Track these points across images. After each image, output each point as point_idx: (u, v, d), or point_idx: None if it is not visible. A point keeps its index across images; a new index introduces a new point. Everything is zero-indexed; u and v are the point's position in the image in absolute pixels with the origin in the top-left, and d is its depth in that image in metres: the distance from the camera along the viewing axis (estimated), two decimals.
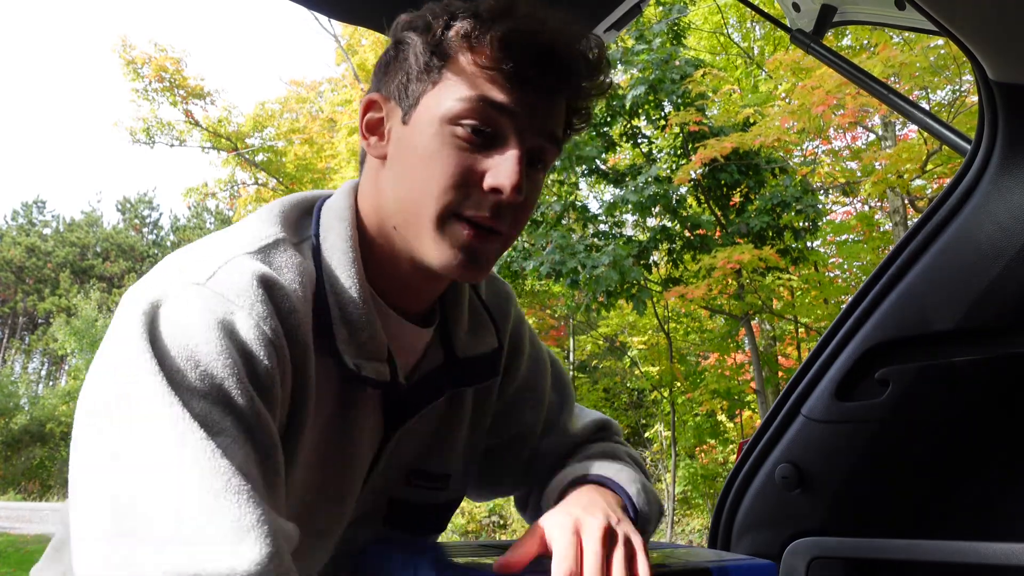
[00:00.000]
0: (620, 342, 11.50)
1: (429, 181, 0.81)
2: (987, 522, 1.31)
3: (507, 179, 0.80)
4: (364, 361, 0.85)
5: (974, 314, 1.26)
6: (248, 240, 0.81)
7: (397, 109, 0.86)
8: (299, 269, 0.81)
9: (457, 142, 0.81)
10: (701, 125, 8.04)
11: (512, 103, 0.81)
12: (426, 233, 0.83)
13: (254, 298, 0.74)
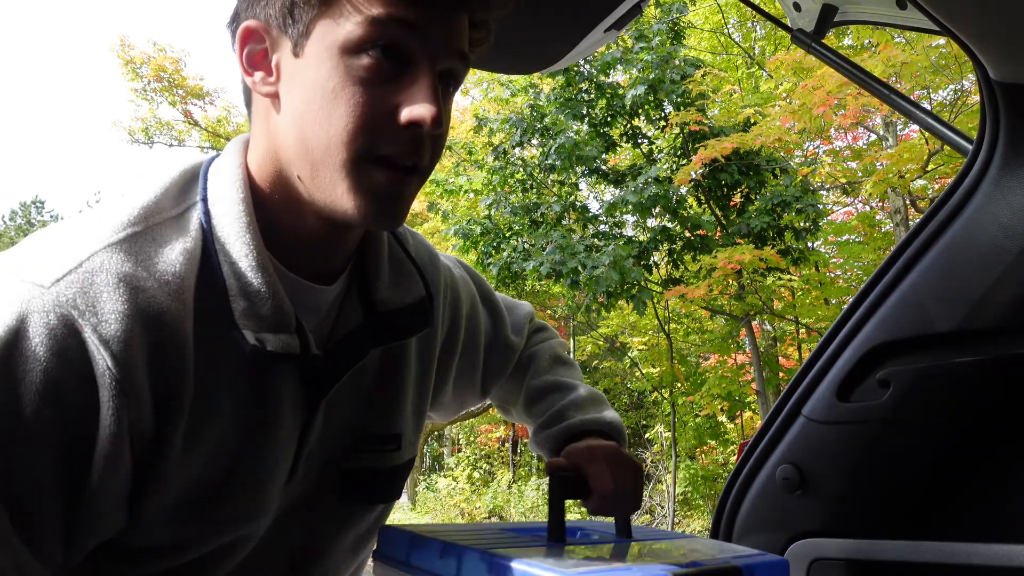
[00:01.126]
0: (620, 343, 11.51)
1: (336, 123, 0.72)
2: (989, 523, 1.31)
3: (426, 110, 0.72)
4: (269, 335, 0.76)
5: (976, 315, 1.26)
6: (111, 222, 0.72)
7: (284, 39, 0.75)
8: (177, 250, 0.73)
9: (362, 73, 0.72)
10: (701, 125, 8.05)
11: (420, 20, 0.72)
12: (338, 181, 0.74)
13: (102, 315, 0.66)
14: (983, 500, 1.32)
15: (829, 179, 9.34)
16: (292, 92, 0.75)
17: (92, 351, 0.65)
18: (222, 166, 0.81)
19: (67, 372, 0.64)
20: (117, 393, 0.66)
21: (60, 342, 0.64)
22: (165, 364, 0.70)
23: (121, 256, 0.70)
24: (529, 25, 1.32)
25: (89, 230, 0.72)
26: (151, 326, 0.69)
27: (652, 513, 10.59)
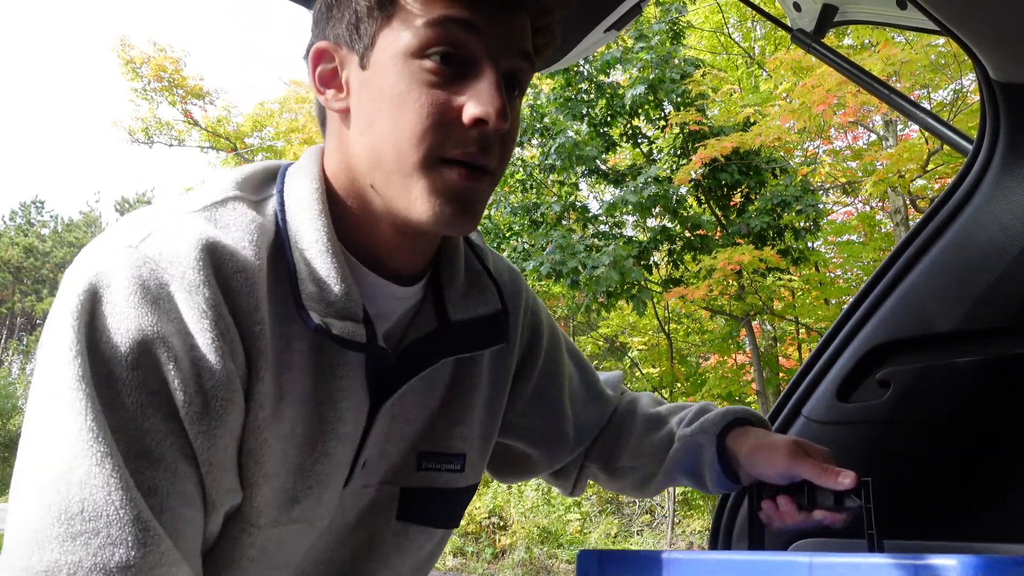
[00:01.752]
0: (620, 343, 11.51)
1: (404, 126, 0.73)
2: (990, 523, 1.31)
3: (490, 105, 0.72)
4: (334, 320, 0.76)
5: (976, 315, 1.26)
6: (195, 200, 0.76)
7: (351, 55, 0.78)
8: (252, 226, 0.75)
9: (426, 77, 0.73)
10: (701, 125, 8.05)
11: (479, 20, 0.73)
12: (411, 185, 0.75)
13: (186, 264, 0.68)
14: (983, 500, 1.32)
15: (829, 179, 9.34)
16: (362, 104, 0.77)
17: (182, 300, 0.68)
18: (299, 166, 0.84)
19: (164, 318, 0.67)
20: (216, 336, 0.68)
21: (153, 292, 0.67)
22: (245, 317, 0.72)
23: (200, 220, 0.73)
24: None
25: (172, 205, 0.75)
26: (230, 278, 0.71)
27: (652, 513, 10.59)
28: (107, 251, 0.69)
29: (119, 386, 0.64)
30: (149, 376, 0.65)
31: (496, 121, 0.73)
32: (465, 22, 0.73)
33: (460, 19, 0.73)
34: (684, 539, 9.48)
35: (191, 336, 0.67)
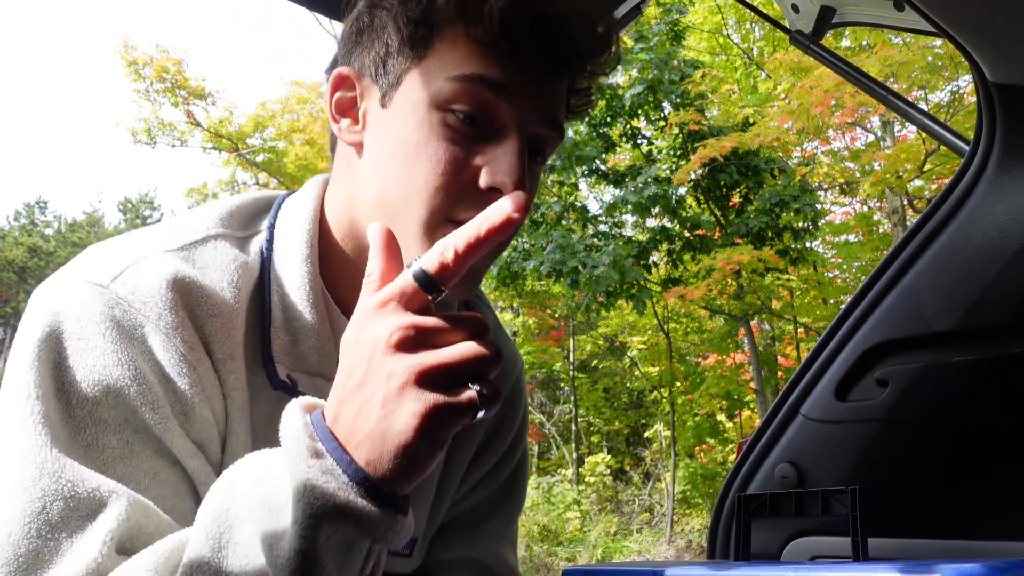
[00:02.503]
0: (620, 342, 11.51)
1: (415, 179, 0.69)
2: (986, 521, 1.31)
3: (508, 176, 0.68)
4: (303, 375, 0.72)
5: (973, 314, 1.27)
6: (173, 235, 0.71)
7: (374, 88, 0.73)
8: (232, 266, 0.71)
9: (447, 132, 0.69)
10: (700, 125, 8.06)
11: (512, 84, 0.69)
12: (412, 241, 0.70)
13: (162, 306, 0.65)
14: (980, 498, 1.33)
15: (827, 179, 9.35)
16: (376, 143, 0.73)
17: (158, 343, 0.64)
18: (296, 201, 0.79)
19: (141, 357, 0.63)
20: (195, 380, 0.65)
21: (128, 332, 0.64)
22: (220, 366, 0.68)
23: (176, 260, 0.69)
24: None
25: (149, 238, 0.71)
26: (205, 322, 0.67)
27: (651, 512, 10.60)
28: (72, 289, 0.65)
29: (100, 426, 0.61)
30: (131, 415, 0.62)
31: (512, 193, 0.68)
32: (498, 84, 0.68)
33: (493, 80, 0.68)
34: (683, 537, 9.48)
35: (171, 380, 0.64)
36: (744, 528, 1.11)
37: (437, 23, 0.70)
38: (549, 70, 0.71)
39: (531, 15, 0.69)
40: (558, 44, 0.70)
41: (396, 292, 0.55)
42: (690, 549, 9.19)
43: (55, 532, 0.57)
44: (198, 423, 0.66)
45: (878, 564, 0.86)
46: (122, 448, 0.61)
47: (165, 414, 0.63)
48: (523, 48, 0.69)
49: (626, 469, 12.11)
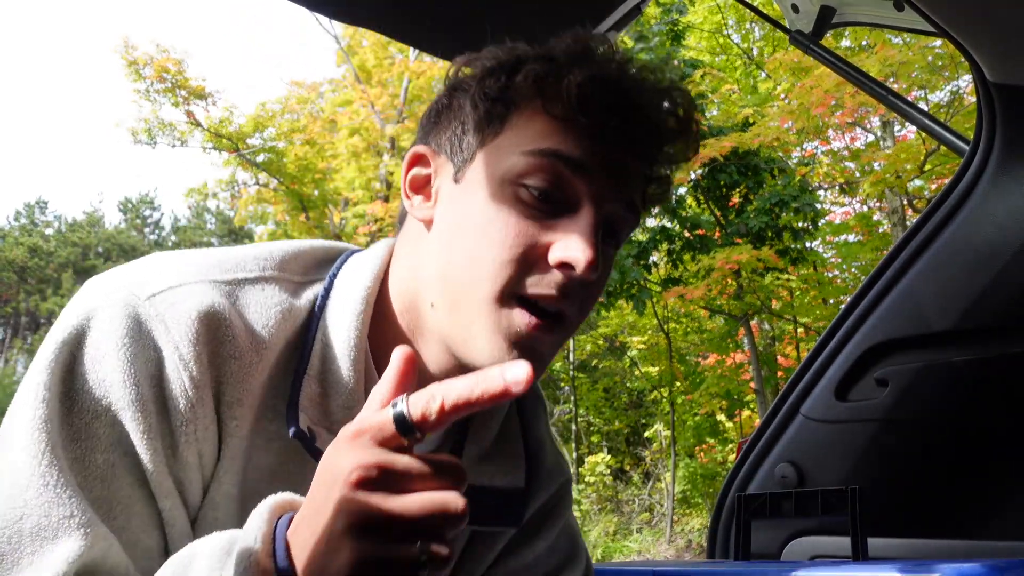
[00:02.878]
0: (620, 342, 11.50)
1: (484, 253, 0.67)
2: (985, 520, 1.31)
3: (581, 252, 0.66)
4: (324, 430, 0.69)
5: (972, 314, 1.27)
6: (228, 266, 0.71)
7: (448, 164, 0.73)
8: (274, 311, 0.70)
9: (520, 206, 0.67)
10: (700, 125, 8.05)
11: (589, 161, 0.68)
12: (478, 317, 0.68)
13: (185, 336, 0.64)
14: (980, 497, 1.33)
15: (827, 179, 9.35)
16: (446, 218, 0.72)
17: (170, 370, 0.64)
18: (362, 258, 0.78)
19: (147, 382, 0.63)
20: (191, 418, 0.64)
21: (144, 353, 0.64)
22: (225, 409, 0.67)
23: (218, 293, 0.68)
24: (529, 26, 1.33)
25: (204, 262, 0.71)
26: (224, 363, 0.66)
27: (651, 511, 10.59)
28: (113, 292, 0.66)
29: (93, 441, 0.61)
30: (123, 437, 0.62)
31: (584, 271, 0.66)
32: (574, 160, 0.68)
33: (569, 156, 0.67)
34: (683, 537, 9.48)
35: (168, 412, 0.64)
36: (744, 528, 1.11)
37: (514, 99, 0.70)
38: (626, 150, 0.70)
39: (609, 93, 0.68)
40: (636, 124, 0.70)
41: (372, 426, 0.52)
42: (690, 549, 9.19)
43: (23, 543, 0.58)
44: (181, 463, 0.65)
45: (878, 564, 0.86)
46: (106, 469, 0.61)
47: (155, 446, 0.63)
48: (600, 126, 0.68)
49: (626, 469, 12.10)
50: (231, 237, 29.38)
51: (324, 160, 13.13)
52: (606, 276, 0.73)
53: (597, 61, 0.71)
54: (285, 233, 13.86)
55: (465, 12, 1.26)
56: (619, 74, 0.70)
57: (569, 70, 0.69)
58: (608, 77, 0.69)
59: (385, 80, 13.19)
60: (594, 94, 0.68)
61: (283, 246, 0.77)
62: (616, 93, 0.69)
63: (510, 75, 0.71)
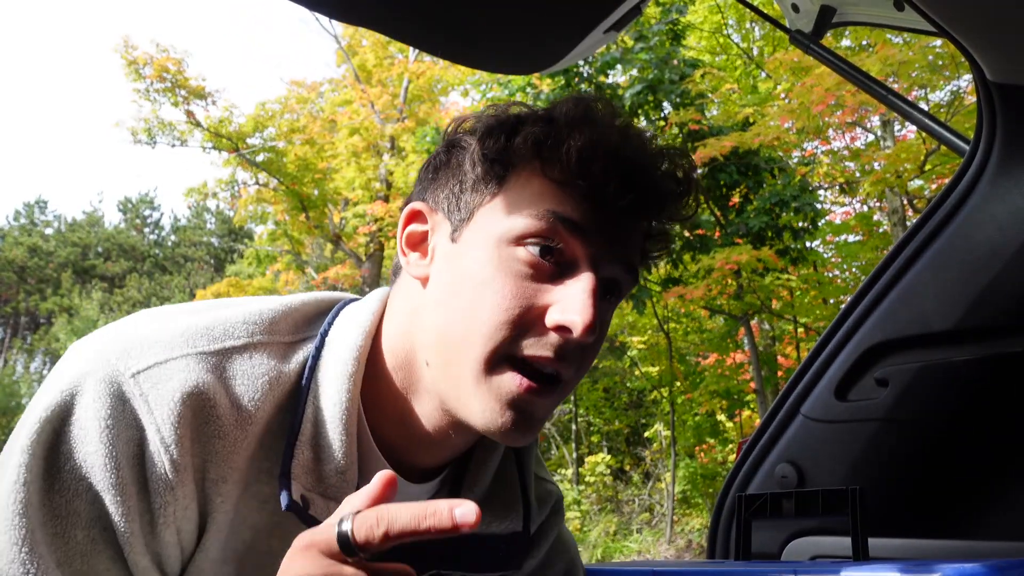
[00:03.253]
0: (620, 342, 11.50)
1: (480, 313, 0.67)
2: (985, 520, 1.31)
3: (579, 315, 0.66)
4: (318, 497, 0.69)
5: (973, 314, 1.27)
6: (217, 334, 0.69)
7: (445, 223, 0.73)
8: (260, 381, 0.68)
9: (518, 267, 0.67)
10: (700, 125, 8.06)
11: (588, 223, 0.68)
12: (469, 378, 0.68)
13: (168, 418, 0.63)
14: (980, 497, 1.33)
15: (827, 179, 9.35)
16: (442, 276, 0.72)
17: (152, 451, 0.64)
18: (355, 312, 0.77)
19: (128, 463, 0.63)
20: (170, 500, 0.64)
21: (126, 434, 0.63)
22: (209, 486, 0.67)
23: (203, 369, 0.67)
24: (529, 26, 1.33)
25: (190, 331, 0.69)
26: (208, 442, 0.66)
27: (651, 511, 10.60)
28: (99, 367, 0.65)
29: (74, 518, 0.61)
30: (103, 515, 0.62)
31: (582, 334, 0.66)
32: (572, 222, 0.68)
33: (568, 218, 0.68)
34: (683, 537, 9.48)
35: (148, 493, 0.63)
36: (744, 528, 1.11)
37: (513, 161, 0.70)
38: (625, 212, 0.70)
39: (608, 156, 0.68)
40: (635, 187, 0.70)
41: (320, 540, 0.55)
42: (690, 549, 9.19)
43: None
44: (159, 541, 0.65)
45: (878, 564, 0.86)
46: (86, 544, 0.62)
47: (134, 528, 0.63)
48: (599, 188, 0.68)
49: (626, 469, 12.10)
50: (231, 237, 29.37)
51: (324, 160, 13.13)
52: (603, 338, 0.73)
53: (597, 125, 0.71)
54: (285, 233, 13.86)
55: (465, 12, 1.26)
56: (619, 138, 0.71)
57: (569, 133, 0.69)
58: (607, 141, 0.69)
59: (385, 80, 13.20)
60: (593, 158, 0.68)
61: (273, 305, 0.75)
62: (615, 158, 0.69)
63: (509, 136, 0.71)
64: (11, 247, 30.15)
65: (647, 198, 0.71)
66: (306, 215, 13.39)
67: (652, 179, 0.71)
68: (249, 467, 0.68)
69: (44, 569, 0.59)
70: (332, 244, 14.26)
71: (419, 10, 1.26)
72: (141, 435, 0.63)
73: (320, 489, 0.69)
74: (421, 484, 0.79)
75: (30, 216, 33.24)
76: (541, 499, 0.91)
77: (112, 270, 30.00)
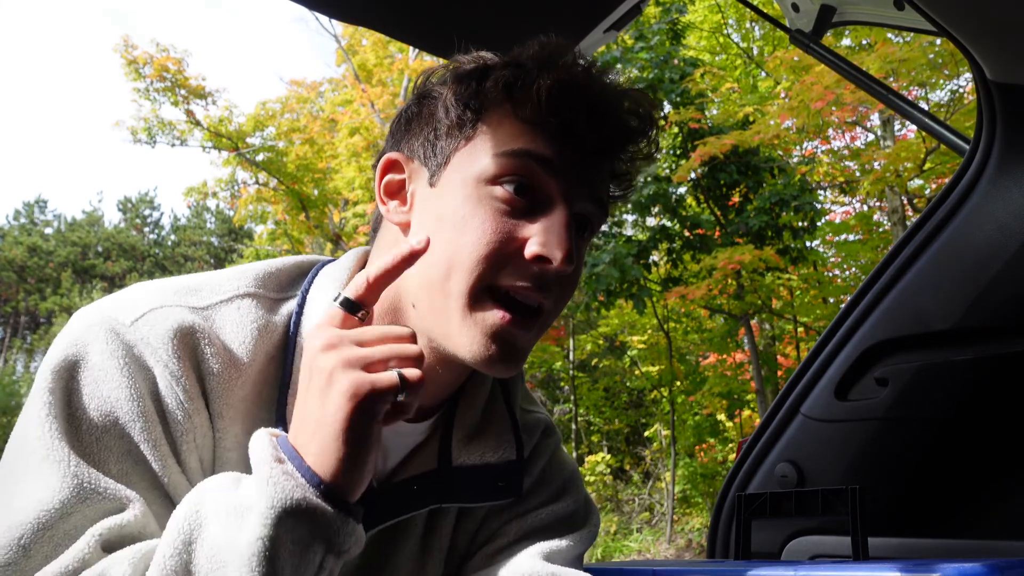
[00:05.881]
0: (620, 342, 11.50)
1: (461, 249, 0.70)
2: (985, 519, 1.32)
3: (557, 247, 0.69)
4: None
5: (972, 314, 1.27)
6: (202, 292, 0.73)
7: (422, 169, 0.76)
8: (250, 328, 0.72)
9: (495, 204, 0.71)
10: (700, 124, 8.06)
11: (560, 161, 0.71)
12: (454, 313, 0.71)
13: (170, 353, 0.67)
14: (980, 496, 1.33)
15: (827, 178, 9.35)
16: (423, 220, 0.75)
17: (164, 385, 0.67)
18: (333, 270, 0.80)
19: (147, 396, 0.67)
20: (190, 427, 0.68)
21: (138, 371, 0.67)
22: (214, 420, 0.70)
23: (195, 316, 0.71)
24: (529, 25, 1.33)
25: (181, 289, 0.73)
26: (204, 379, 0.70)
27: (651, 511, 10.60)
28: (99, 323, 0.68)
29: (105, 453, 0.64)
30: (133, 447, 0.65)
31: (561, 263, 0.70)
32: (545, 160, 0.71)
33: (541, 156, 0.71)
34: (683, 536, 9.48)
35: (169, 423, 0.67)
36: (744, 527, 1.11)
37: (485, 104, 0.73)
38: (593, 149, 0.74)
39: (576, 96, 0.72)
40: (602, 124, 0.73)
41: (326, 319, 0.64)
42: (690, 548, 9.19)
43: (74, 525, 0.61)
44: (186, 469, 0.68)
45: (878, 563, 0.86)
46: (120, 477, 0.64)
47: (164, 452, 0.66)
48: (569, 127, 0.72)
49: (626, 468, 12.10)
50: (231, 236, 29.37)
51: (324, 160, 13.12)
52: (580, 270, 0.77)
53: (564, 66, 0.74)
54: (285, 232, 13.86)
55: (465, 11, 1.26)
56: (585, 78, 0.74)
57: (538, 75, 0.72)
58: (575, 81, 0.73)
59: (385, 79, 13.19)
60: (562, 97, 0.71)
61: (261, 265, 0.79)
62: (583, 96, 0.72)
63: (480, 81, 0.74)
64: (11, 246, 30.16)
65: (612, 135, 0.75)
66: (306, 215, 13.39)
67: (618, 117, 0.75)
68: (246, 412, 0.72)
69: (96, 475, 0.62)
70: (332, 244, 14.25)
71: (418, 9, 1.26)
72: (151, 373, 0.67)
73: None
74: (416, 424, 0.82)
75: (30, 215, 33.25)
76: (529, 427, 0.93)
77: (112, 270, 30.01)
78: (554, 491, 0.92)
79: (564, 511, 0.90)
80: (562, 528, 0.88)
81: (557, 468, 0.94)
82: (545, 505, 0.90)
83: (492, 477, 0.84)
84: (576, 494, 0.93)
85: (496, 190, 0.71)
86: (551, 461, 0.94)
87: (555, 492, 0.92)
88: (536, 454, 0.93)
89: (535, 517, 0.88)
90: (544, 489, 0.91)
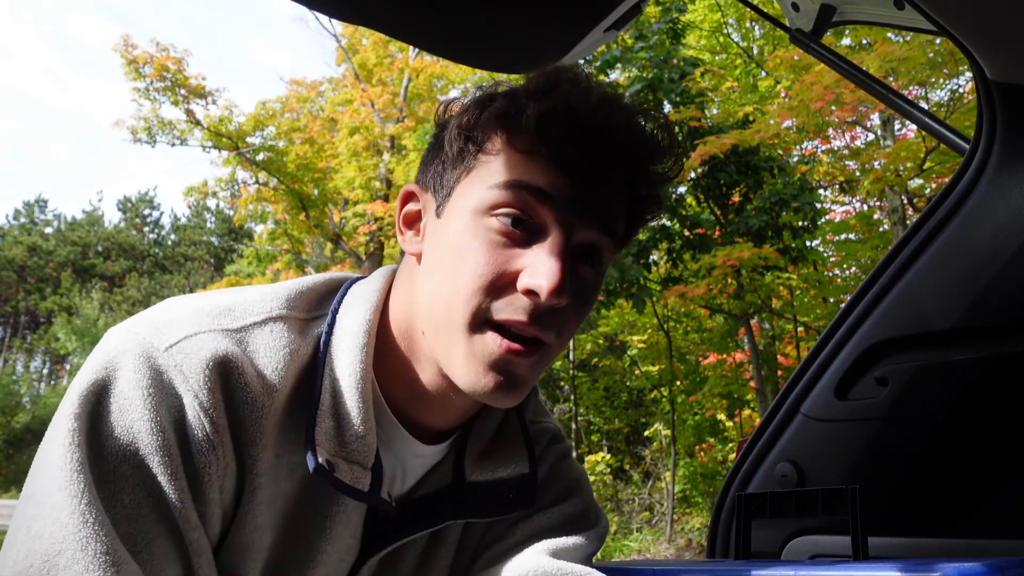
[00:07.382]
0: (620, 341, 11.50)
1: (459, 281, 0.71)
2: (986, 519, 1.31)
3: (544, 279, 0.69)
4: (342, 461, 0.73)
5: (973, 313, 1.27)
6: (236, 313, 0.74)
7: (432, 201, 0.78)
8: (282, 352, 0.73)
9: (491, 236, 0.71)
10: (701, 123, 8.06)
11: (553, 189, 0.71)
12: (456, 343, 0.72)
13: (203, 384, 0.67)
14: (980, 496, 1.33)
15: (827, 177, 9.35)
16: (431, 251, 0.76)
17: (192, 416, 0.67)
18: (362, 288, 0.82)
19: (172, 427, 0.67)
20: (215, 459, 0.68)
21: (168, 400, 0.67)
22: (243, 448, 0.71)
23: (229, 342, 0.71)
24: (529, 25, 1.33)
25: (214, 310, 0.73)
26: (239, 408, 0.70)
27: (651, 511, 10.60)
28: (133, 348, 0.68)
29: (120, 482, 0.64)
30: (150, 479, 0.65)
31: (548, 297, 0.69)
32: (538, 190, 0.71)
33: (534, 186, 0.71)
34: (683, 536, 9.48)
35: (192, 455, 0.67)
36: (744, 527, 1.11)
37: (482, 137, 0.74)
38: (593, 175, 0.73)
39: (569, 122, 0.71)
40: (598, 149, 0.72)
41: None
42: (690, 548, 9.20)
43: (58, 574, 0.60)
44: (203, 500, 0.68)
45: (878, 563, 0.86)
46: (132, 508, 0.64)
47: (181, 486, 0.66)
48: (560, 154, 0.71)
49: (626, 468, 12.11)
50: (231, 236, 29.37)
51: (324, 159, 13.12)
52: (585, 298, 0.75)
53: (558, 92, 0.73)
54: (285, 232, 13.86)
55: (465, 11, 1.26)
56: (579, 103, 0.72)
57: (528, 104, 0.72)
58: (567, 108, 0.71)
59: (385, 79, 13.19)
60: (553, 125, 0.71)
61: (289, 285, 0.80)
62: (576, 122, 0.71)
63: (480, 112, 0.75)
64: (11, 246, 30.14)
65: (613, 160, 0.73)
66: (306, 214, 13.39)
67: (617, 141, 0.73)
68: (278, 436, 0.72)
69: (101, 521, 0.62)
70: (332, 243, 14.25)
71: (419, 9, 1.26)
72: (180, 402, 0.67)
73: (343, 454, 0.73)
74: (433, 445, 0.83)
75: (30, 215, 33.23)
76: (537, 436, 0.94)
77: (112, 269, 30.00)
78: (561, 491, 0.93)
79: (572, 510, 0.91)
80: (570, 527, 0.89)
81: (564, 470, 0.95)
82: (552, 505, 0.91)
83: (505, 491, 0.85)
84: (584, 496, 0.94)
85: (492, 221, 0.72)
86: (558, 464, 0.95)
87: (562, 492, 0.93)
88: (542, 459, 0.94)
89: (543, 517, 0.89)
90: (551, 490, 0.92)
